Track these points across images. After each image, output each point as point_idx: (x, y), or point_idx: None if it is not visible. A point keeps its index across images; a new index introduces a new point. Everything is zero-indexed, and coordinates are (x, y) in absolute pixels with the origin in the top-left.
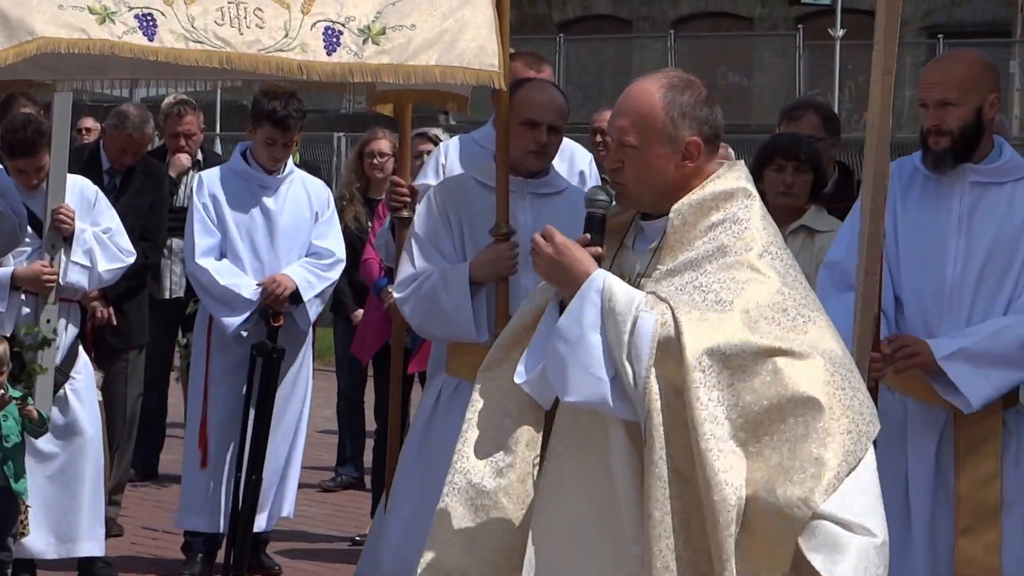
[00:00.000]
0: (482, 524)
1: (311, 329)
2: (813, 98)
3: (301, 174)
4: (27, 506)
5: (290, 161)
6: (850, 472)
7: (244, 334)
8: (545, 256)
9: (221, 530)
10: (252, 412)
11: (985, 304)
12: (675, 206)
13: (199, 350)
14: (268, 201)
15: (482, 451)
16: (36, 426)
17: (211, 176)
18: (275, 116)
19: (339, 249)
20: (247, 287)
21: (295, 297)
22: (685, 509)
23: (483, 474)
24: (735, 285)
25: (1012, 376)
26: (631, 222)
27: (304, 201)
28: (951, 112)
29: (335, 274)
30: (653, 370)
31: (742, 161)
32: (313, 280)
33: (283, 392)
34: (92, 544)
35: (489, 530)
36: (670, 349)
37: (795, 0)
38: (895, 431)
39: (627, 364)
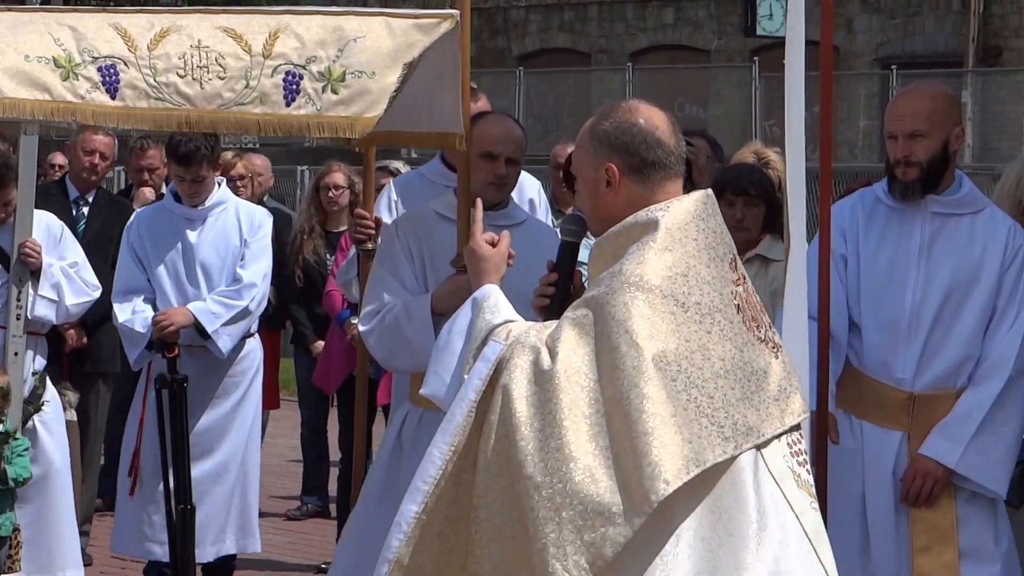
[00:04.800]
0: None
1: (261, 361)
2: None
3: (238, 202)
4: (19, 543)
5: (222, 191)
6: None
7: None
8: (466, 258)
9: (155, 558)
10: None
11: (941, 333)
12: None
13: (140, 382)
14: (191, 235)
15: None
16: None
17: (142, 215)
18: (177, 153)
19: (253, 275)
20: (140, 321)
21: (204, 331)
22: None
23: None
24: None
25: (1016, 445)
26: None
27: (233, 230)
28: (921, 143)
29: (245, 300)
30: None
31: (700, 193)
32: (219, 310)
33: (217, 426)
34: (74, 572)
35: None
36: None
37: (751, 32)
38: (848, 457)
39: (464, 378)
